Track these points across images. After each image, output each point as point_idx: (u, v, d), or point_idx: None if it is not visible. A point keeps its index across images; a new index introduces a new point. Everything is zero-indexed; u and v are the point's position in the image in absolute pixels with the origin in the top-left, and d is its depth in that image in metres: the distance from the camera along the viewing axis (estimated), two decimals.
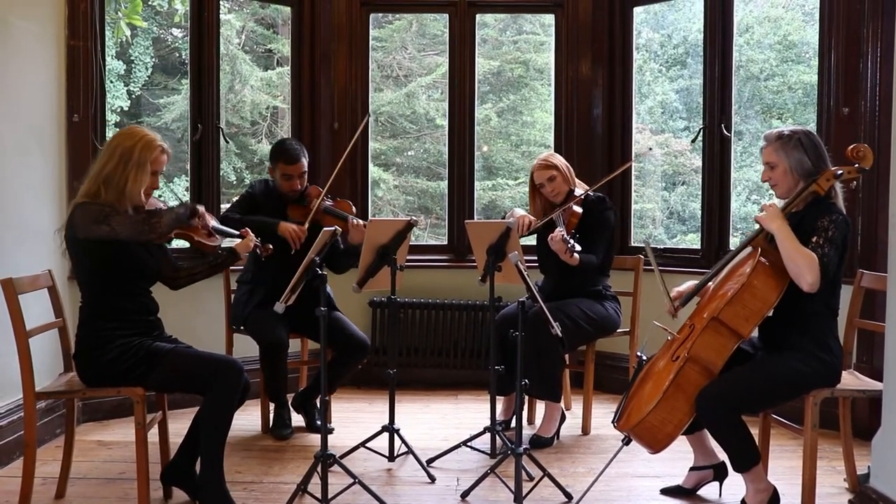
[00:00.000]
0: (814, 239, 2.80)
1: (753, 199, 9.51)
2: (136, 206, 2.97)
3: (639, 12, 5.29)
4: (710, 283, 3.11)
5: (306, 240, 3.92)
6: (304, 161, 4.08)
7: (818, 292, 2.82)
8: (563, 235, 3.65)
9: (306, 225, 3.97)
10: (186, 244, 3.20)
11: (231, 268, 4.23)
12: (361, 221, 3.98)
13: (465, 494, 3.23)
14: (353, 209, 4.15)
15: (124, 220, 2.86)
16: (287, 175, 4.04)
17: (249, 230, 3.37)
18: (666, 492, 3.30)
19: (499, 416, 4.03)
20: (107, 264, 2.93)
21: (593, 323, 3.94)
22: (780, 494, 2.97)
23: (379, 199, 10.01)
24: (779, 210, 2.88)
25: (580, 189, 4.03)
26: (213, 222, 3.23)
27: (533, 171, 4.07)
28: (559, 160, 4.05)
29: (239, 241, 3.31)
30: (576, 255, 3.65)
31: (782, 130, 2.96)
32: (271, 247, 3.47)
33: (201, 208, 3.10)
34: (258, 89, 10.17)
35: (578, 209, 3.94)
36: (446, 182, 5.40)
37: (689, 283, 3.20)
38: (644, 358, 3.13)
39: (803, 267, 2.74)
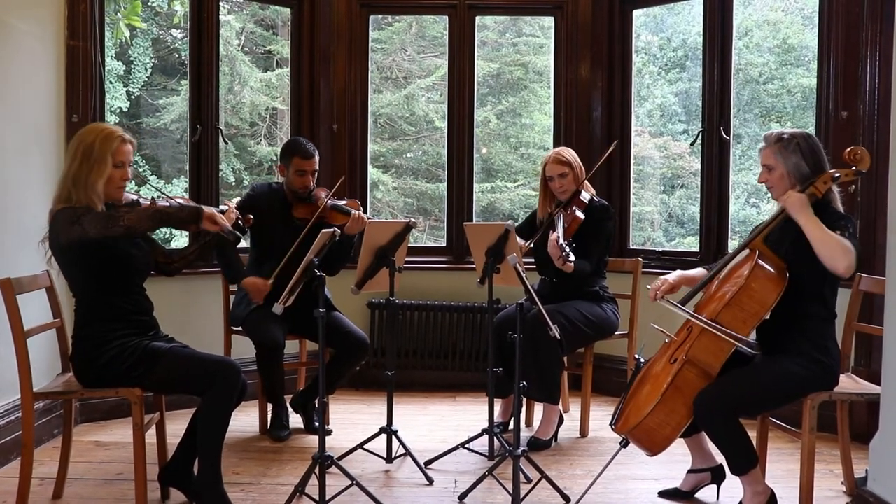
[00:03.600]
0: (836, 233, 2.77)
1: (752, 202, 9.53)
2: (111, 202, 2.97)
3: (638, 15, 5.29)
4: (708, 285, 3.11)
5: (305, 242, 3.91)
6: (317, 157, 4.10)
7: (817, 295, 2.83)
8: (559, 242, 3.63)
9: (270, 281, 3.91)
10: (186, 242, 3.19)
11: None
12: (365, 216, 3.99)
13: (462, 496, 3.23)
14: (360, 207, 4.13)
15: (93, 217, 2.82)
16: (301, 171, 4.05)
17: (231, 204, 3.36)
18: (663, 494, 3.30)
19: (497, 418, 4.03)
20: (95, 265, 2.92)
21: (591, 325, 3.94)
22: (778, 497, 2.96)
23: (378, 201, 10.01)
24: (805, 198, 2.84)
25: (586, 193, 4.03)
26: (188, 203, 3.22)
27: (545, 163, 4.07)
28: (573, 157, 4.05)
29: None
30: (570, 263, 3.63)
31: (782, 133, 2.95)
32: (252, 217, 3.49)
33: (207, 210, 2.93)
34: (257, 90, 10.18)
35: (581, 215, 3.92)
36: (445, 184, 5.40)
37: (677, 273, 3.20)
38: (642, 360, 3.13)
39: (838, 251, 2.70)
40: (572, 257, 3.61)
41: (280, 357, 3.95)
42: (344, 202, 4.10)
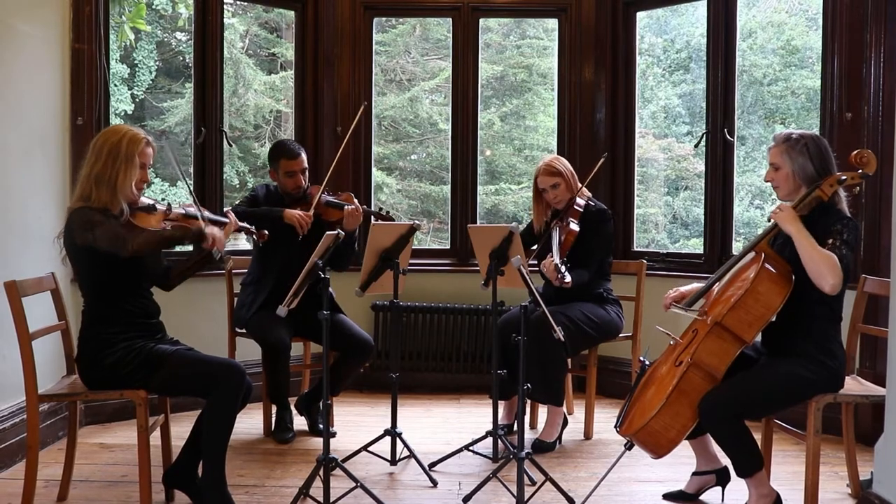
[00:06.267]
0: (829, 241, 2.78)
1: (756, 203, 9.52)
2: (129, 201, 2.98)
3: (642, 17, 5.29)
4: (713, 288, 3.10)
5: (308, 242, 3.93)
6: (304, 156, 4.11)
7: (822, 297, 2.82)
8: (555, 265, 3.63)
9: (311, 212, 3.98)
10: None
11: (234, 270, 4.27)
12: (360, 207, 4.03)
13: (466, 499, 3.23)
14: (355, 200, 4.14)
15: (106, 231, 2.84)
16: (290, 172, 4.06)
17: (232, 213, 3.37)
18: (668, 497, 3.29)
19: (501, 420, 4.03)
20: (107, 268, 2.93)
21: (596, 326, 3.93)
22: (783, 500, 2.96)
23: (382, 203, 10.02)
24: (794, 212, 2.86)
25: (582, 199, 4.03)
26: (206, 213, 3.27)
27: (536, 176, 4.06)
28: (564, 166, 4.03)
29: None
30: (566, 283, 3.64)
31: (791, 133, 2.96)
32: (267, 233, 3.50)
33: (208, 232, 2.95)
34: (261, 93, 10.20)
35: (576, 227, 3.89)
36: (449, 186, 5.41)
37: (694, 286, 3.20)
38: (647, 362, 3.13)
39: (824, 268, 2.72)
40: (568, 277, 3.63)
41: (286, 357, 3.96)
42: (336, 197, 4.12)
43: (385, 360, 5.02)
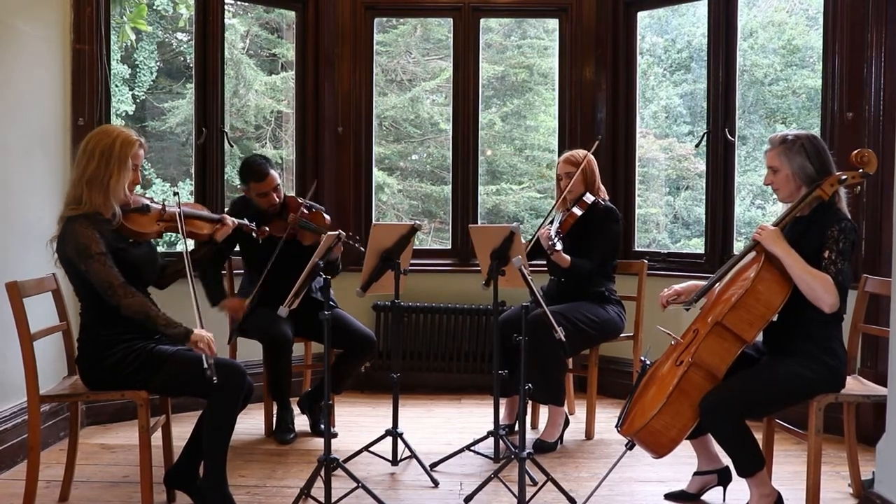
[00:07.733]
0: (825, 254, 2.78)
1: (757, 203, 9.51)
2: (121, 204, 2.98)
3: (642, 17, 5.30)
4: (714, 287, 3.10)
5: (296, 249, 3.92)
6: (274, 172, 4.06)
7: None
8: (549, 232, 3.78)
9: (246, 303, 3.92)
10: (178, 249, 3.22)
11: (234, 270, 4.27)
12: (337, 235, 3.43)
13: (468, 499, 3.23)
14: (328, 220, 4.10)
15: (99, 271, 2.83)
16: (262, 193, 4.03)
17: (227, 216, 3.40)
18: (670, 497, 3.29)
19: (502, 420, 4.03)
20: None
21: (596, 326, 3.94)
22: (785, 500, 2.95)
23: (383, 204, 10.01)
24: (777, 231, 2.87)
25: (591, 195, 4.09)
26: (199, 210, 3.34)
27: (559, 162, 4.17)
28: (586, 160, 4.10)
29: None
30: (562, 254, 3.80)
31: (787, 134, 2.95)
32: (267, 229, 3.50)
33: (196, 336, 2.90)
34: (262, 94, 10.19)
35: (578, 212, 4.01)
36: (450, 186, 5.41)
37: (690, 283, 3.20)
38: (648, 362, 3.13)
39: (819, 290, 2.74)
40: (559, 246, 3.76)
41: (289, 352, 3.96)
42: (311, 216, 4.05)
43: (386, 361, 5.02)
